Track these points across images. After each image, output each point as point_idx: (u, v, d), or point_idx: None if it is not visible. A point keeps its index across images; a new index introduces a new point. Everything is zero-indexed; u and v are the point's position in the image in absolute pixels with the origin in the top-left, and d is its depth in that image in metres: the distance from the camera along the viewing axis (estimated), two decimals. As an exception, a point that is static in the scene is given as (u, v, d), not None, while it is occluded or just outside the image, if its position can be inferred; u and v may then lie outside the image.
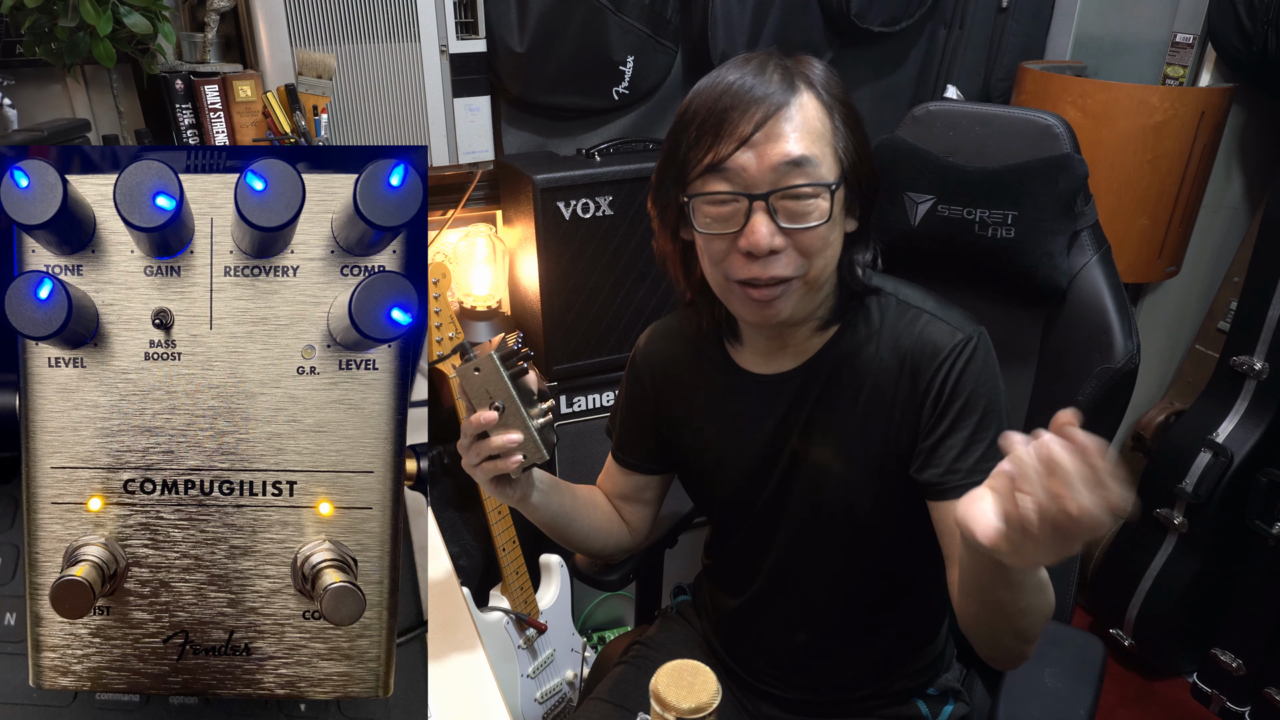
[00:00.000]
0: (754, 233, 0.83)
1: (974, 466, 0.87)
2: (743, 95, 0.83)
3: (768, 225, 0.83)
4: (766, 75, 0.84)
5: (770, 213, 0.83)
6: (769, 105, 0.82)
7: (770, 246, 0.83)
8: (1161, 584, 2.00)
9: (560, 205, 1.67)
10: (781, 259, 0.85)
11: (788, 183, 0.82)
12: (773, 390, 0.99)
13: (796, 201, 0.83)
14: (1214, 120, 1.83)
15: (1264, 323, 1.83)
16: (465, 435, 0.89)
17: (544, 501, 1.01)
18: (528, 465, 0.89)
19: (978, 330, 0.93)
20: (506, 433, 0.87)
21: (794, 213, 0.83)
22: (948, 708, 1.10)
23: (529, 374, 0.89)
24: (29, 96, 1.46)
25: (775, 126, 0.82)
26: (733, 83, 0.84)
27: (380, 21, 1.50)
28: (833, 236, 0.87)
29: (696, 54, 1.84)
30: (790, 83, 0.84)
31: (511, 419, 0.87)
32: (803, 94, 0.84)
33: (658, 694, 0.64)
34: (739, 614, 1.12)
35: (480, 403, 0.87)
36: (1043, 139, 1.13)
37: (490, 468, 0.89)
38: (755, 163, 0.82)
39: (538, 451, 0.88)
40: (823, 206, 0.83)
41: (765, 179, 0.83)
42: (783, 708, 1.11)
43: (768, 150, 0.82)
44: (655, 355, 1.10)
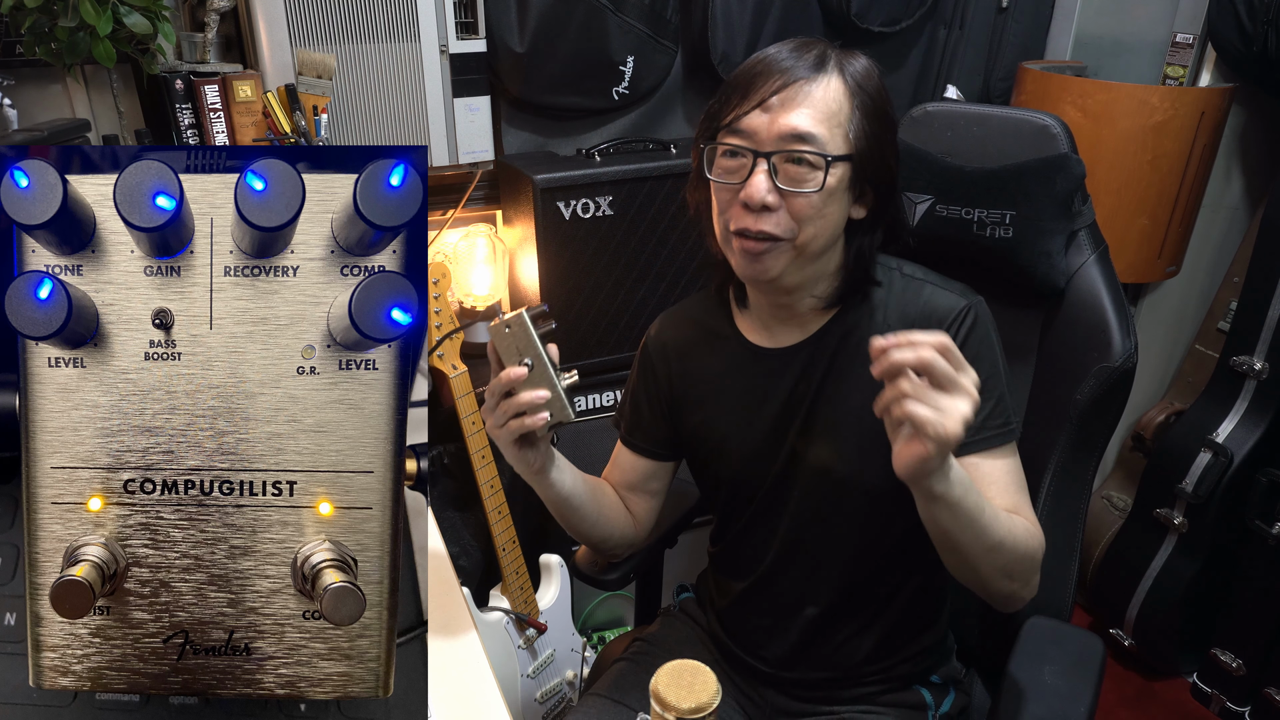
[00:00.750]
0: (751, 185, 0.91)
1: (978, 426, 0.92)
2: (774, 65, 0.92)
3: (766, 182, 0.90)
4: (804, 53, 0.93)
5: (771, 172, 0.90)
6: (791, 75, 0.91)
7: (763, 201, 0.90)
8: (1161, 584, 2.01)
9: (560, 205, 1.67)
10: (774, 217, 0.91)
11: (790, 148, 0.90)
12: (781, 364, 1.03)
13: (796, 166, 0.90)
14: (1214, 120, 1.83)
15: (1264, 323, 1.83)
16: (492, 395, 0.91)
17: (560, 478, 1.02)
18: (554, 424, 0.91)
19: (977, 299, 0.99)
20: (535, 390, 0.88)
21: (792, 176, 0.91)
22: (950, 697, 1.11)
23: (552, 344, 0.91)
24: (29, 96, 1.46)
25: (793, 95, 0.90)
26: (771, 55, 0.94)
27: (380, 21, 1.50)
28: (828, 210, 0.92)
29: (696, 54, 1.84)
30: (822, 64, 0.92)
31: (539, 377, 0.89)
32: (830, 75, 0.92)
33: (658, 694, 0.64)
34: (746, 596, 1.13)
35: (510, 360, 0.89)
36: (1040, 139, 1.13)
37: (517, 425, 0.90)
38: (766, 126, 0.90)
39: (565, 410, 0.90)
40: (818, 177, 0.90)
41: (771, 141, 0.90)
42: (788, 694, 1.12)
43: (780, 116, 0.90)
44: (666, 339, 1.14)
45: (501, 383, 0.89)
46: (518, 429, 0.90)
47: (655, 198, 1.73)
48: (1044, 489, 1.11)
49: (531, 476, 1.00)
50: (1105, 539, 2.17)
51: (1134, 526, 2.07)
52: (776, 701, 1.13)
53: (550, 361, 0.89)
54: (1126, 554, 2.07)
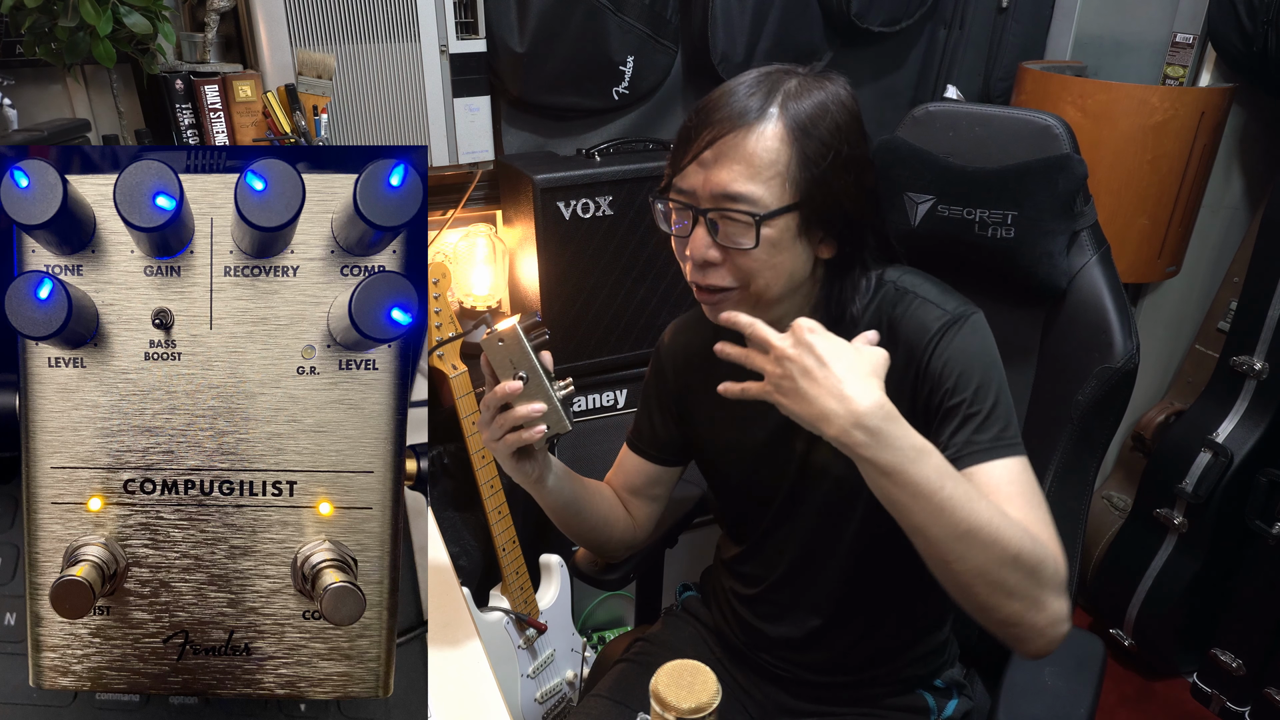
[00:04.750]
0: (692, 242, 0.91)
1: (967, 440, 0.88)
2: (714, 112, 0.89)
3: (705, 239, 0.90)
4: (753, 92, 0.89)
5: (710, 228, 0.89)
6: (724, 127, 0.87)
7: (704, 258, 0.90)
8: (1161, 584, 2.00)
9: (560, 205, 1.67)
10: (719, 271, 0.91)
11: (722, 206, 0.88)
12: None
13: (732, 224, 0.89)
14: (1214, 120, 1.83)
15: (1264, 323, 1.83)
16: (487, 409, 0.90)
17: (558, 485, 1.03)
18: (551, 435, 0.90)
19: (969, 311, 0.94)
20: (530, 403, 0.88)
21: (729, 233, 0.89)
22: (953, 702, 1.10)
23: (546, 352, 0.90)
24: (29, 96, 1.46)
25: (725, 150, 0.87)
26: (721, 94, 0.90)
27: (380, 21, 1.50)
28: (778, 259, 0.90)
29: (696, 54, 1.84)
30: (765, 106, 0.87)
31: (535, 390, 0.88)
32: (768, 122, 0.87)
33: (658, 694, 0.64)
34: (756, 601, 1.13)
35: (504, 373, 0.88)
36: (1042, 139, 1.13)
37: (514, 439, 0.90)
38: (702, 184, 0.89)
39: (561, 422, 0.90)
40: (753, 234, 0.88)
41: (707, 198, 0.89)
42: (792, 693, 1.12)
43: (713, 174, 0.88)
44: (677, 347, 1.14)
45: (497, 397, 0.88)
46: (515, 443, 0.90)
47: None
48: (1045, 489, 1.11)
49: (530, 486, 1.00)
50: (1105, 539, 2.16)
51: (1134, 526, 2.07)
52: (779, 700, 1.13)
53: (545, 372, 0.89)
54: (1126, 554, 2.07)
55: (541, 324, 0.89)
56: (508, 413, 0.89)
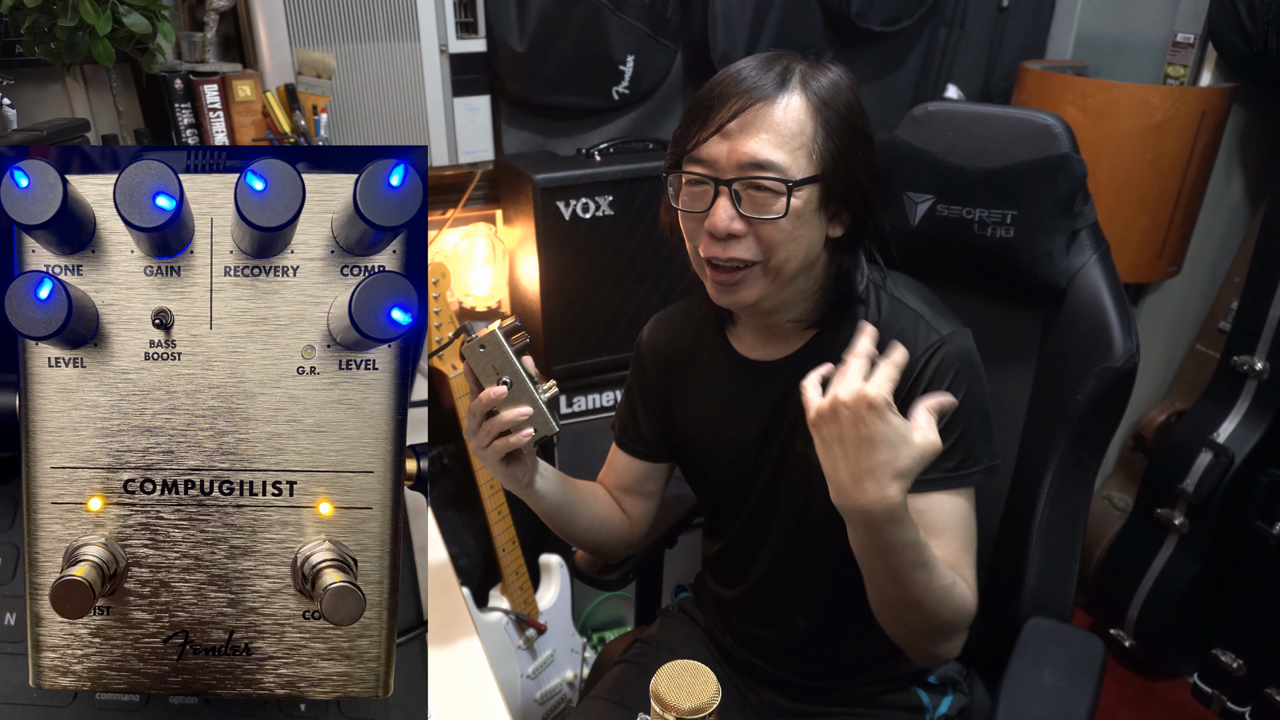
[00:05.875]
0: (715, 215, 0.89)
1: (935, 464, 0.87)
2: (732, 88, 0.89)
3: (729, 210, 0.89)
4: (767, 70, 0.90)
5: (734, 199, 0.89)
6: (750, 97, 0.88)
7: (728, 230, 0.89)
8: (1162, 584, 2.00)
9: (560, 205, 1.67)
10: (742, 243, 0.90)
11: (750, 175, 0.88)
12: (766, 376, 1.02)
13: (759, 192, 0.88)
14: (1215, 120, 1.83)
15: (1265, 323, 1.82)
16: (473, 416, 0.90)
17: (548, 489, 1.02)
18: (538, 439, 0.90)
19: (958, 332, 0.96)
20: (516, 407, 0.88)
21: (756, 203, 0.89)
22: (947, 698, 1.10)
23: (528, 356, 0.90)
24: (29, 96, 1.46)
25: (751, 120, 0.88)
26: (732, 74, 0.91)
27: (380, 21, 1.50)
28: (799, 232, 0.90)
29: (696, 54, 1.84)
30: (784, 81, 0.89)
31: (519, 394, 0.88)
32: (792, 94, 0.89)
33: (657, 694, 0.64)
34: (739, 603, 1.13)
35: (487, 380, 0.89)
36: (1041, 139, 1.13)
37: (502, 444, 0.90)
38: (726, 154, 0.88)
39: (548, 424, 0.90)
40: (782, 203, 0.88)
41: (732, 169, 0.88)
42: (786, 694, 1.12)
43: (738, 143, 0.88)
44: (658, 342, 1.13)
45: (482, 403, 0.88)
46: (503, 448, 0.90)
47: (655, 198, 1.73)
48: (1045, 490, 1.11)
49: (521, 491, 1.00)
50: (1106, 539, 2.16)
51: (1135, 527, 2.07)
52: (775, 702, 1.13)
53: (528, 375, 0.89)
54: (1127, 554, 2.07)
55: (521, 328, 0.89)
56: (494, 419, 0.89)
